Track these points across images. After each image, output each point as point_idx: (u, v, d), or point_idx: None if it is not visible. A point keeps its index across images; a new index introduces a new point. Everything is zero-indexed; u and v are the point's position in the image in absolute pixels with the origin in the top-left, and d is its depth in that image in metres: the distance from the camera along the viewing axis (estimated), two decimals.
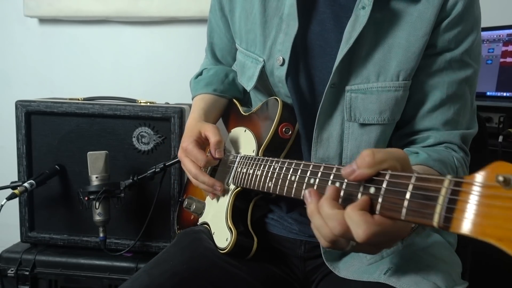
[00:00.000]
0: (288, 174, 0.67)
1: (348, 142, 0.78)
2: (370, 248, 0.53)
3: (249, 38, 0.86)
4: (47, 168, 1.38)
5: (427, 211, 0.43)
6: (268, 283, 0.84)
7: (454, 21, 0.74)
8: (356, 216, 0.48)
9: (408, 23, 0.74)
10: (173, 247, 0.88)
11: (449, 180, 0.42)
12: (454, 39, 0.75)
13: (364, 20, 0.72)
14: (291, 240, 0.87)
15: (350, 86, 0.76)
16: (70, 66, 1.98)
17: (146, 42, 1.94)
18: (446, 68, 0.76)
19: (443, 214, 0.42)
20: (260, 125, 0.86)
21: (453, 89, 0.77)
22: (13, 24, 1.97)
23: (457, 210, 0.40)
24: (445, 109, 0.77)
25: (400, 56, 0.74)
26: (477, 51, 0.78)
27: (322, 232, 0.54)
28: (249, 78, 0.88)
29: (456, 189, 0.41)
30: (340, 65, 0.75)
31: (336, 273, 0.76)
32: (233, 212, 0.83)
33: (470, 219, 0.39)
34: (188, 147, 0.85)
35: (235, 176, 0.85)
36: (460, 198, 0.40)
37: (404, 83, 0.75)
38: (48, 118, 1.40)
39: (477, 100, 0.84)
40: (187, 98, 1.17)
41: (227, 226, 0.82)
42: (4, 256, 1.39)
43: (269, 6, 0.82)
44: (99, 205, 1.29)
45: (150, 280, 0.76)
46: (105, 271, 1.36)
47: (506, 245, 0.35)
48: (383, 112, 0.76)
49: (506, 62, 1.41)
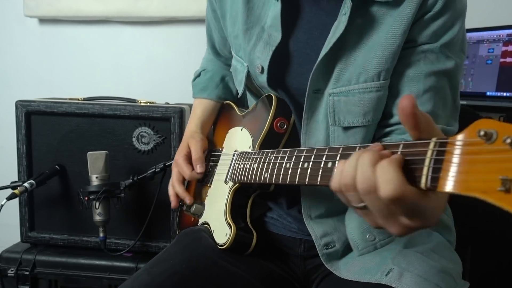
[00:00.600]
0: (283, 162, 0.68)
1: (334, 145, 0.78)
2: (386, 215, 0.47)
3: (236, 43, 0.89)
4: (47, 168, 1.38)
5: (416, 174, 0.44)
6: (268, 281, 0.84)
7: (434, 16, 0.73)
8: (393, 171, 0.44)
9: (388, 23, 0.74)
10: (173, 246, 0.88)
11: (434, 142, 0.43)
12: (434, 34, 0.74)
13: (343, 26, 0.72)
14: (290, 239, 0.88)
15: (331, 89, 0.76)
16: (70, 66, 1.98)
17: (146, 42, 1.95)
18: (423, 58, 0.75)
19: (429, 175, 0.42)
20: (255, 122, 0.87)
21: (431, 81, 0.75)
22: (13, 24, 1.97)
23: (443, 170, 0.41)
24: (424, 101, 0.76)
25: (380, 56, 0.74)
26: (458, 46, 0.77)
27: (345, 171, 0.49)
28: (239, 83, 0.91)
29: (441, 150, 0.42)
30: (319, 69, 0.75)
31: (337, 274, 0.76)
32: (231, 208, 0.84)
33: (455, 176, 0.40)
34: (178, 161, 0.96)
35: (233, 172, 0.85)
36: (445, 158, 0.41)
37: (385, 82, 0.75)
38: (48, 118, 1.40)
39: (477, 100, 0.84)
40: (187, 98, 1.18)
41: (226, 222, 0.82)
42: (4, 256, 1.39)
43: (252, 14, 0.83)
44: (99, 205, 1.29)
45: (151, 279, 0.76)
46: (105, 271, 1.36)
47: (491, 197, 0.36)
48: (366, 113, 0.76)
49: (506, 62, 1.41)
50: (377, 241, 0.74)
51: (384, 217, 0.47)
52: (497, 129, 0.37)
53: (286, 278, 0.87)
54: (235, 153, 0.88)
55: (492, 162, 0.37)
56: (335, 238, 0.80)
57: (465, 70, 1.53)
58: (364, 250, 0.75)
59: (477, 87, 1.48)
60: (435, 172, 0.42)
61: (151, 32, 1.93)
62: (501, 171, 0.35)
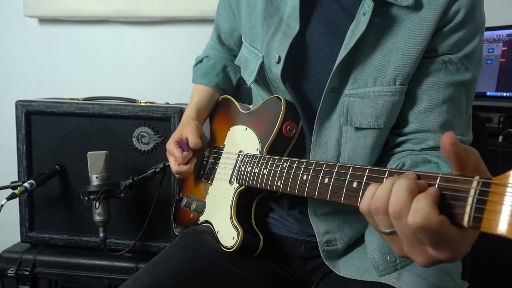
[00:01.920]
0: (299, 173, 0.67)
1: (346, 145, 0.78)
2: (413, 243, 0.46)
3: (253, 34, 0.88)
4: (47, 168, 1.38)
5: (457, 211, 0.44)
6: (270, 282, 0.84)
7: (456, 27, 0.74)
8: (426, 202, 0.43)
9: (408, 29, 0.74)
10: (174, 246, 0.88)
11: (477, 180, 0.42)
12: (455, 45, 0.75)
13: (363, 26, 0.72)
14: (291, 240, 0.88)
15: (348, 90, 0.76)
16: (70, 66, 1.98)
17: (146, 42, 1.95)
18: (443, 68, 0.76)
19: (472, 214, 0.42)
20: (262, 123, 0.87)
21: (450, 91, 0.76)
22: (13, 24, 1.97)
23: (486, 210, 0.41)
24: (442, 110, 0.76)
25: (398, 61, 0.74)
26: (477, 58, 0.78)
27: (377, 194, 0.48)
28: (250, 73, 0.89)
29: (484, 190, 0.42)
30: (338, 70, 0.75)
31: (336, 272, 0.77)
32: (237, 210, 0.83)
33: (501, 218, 0.40)
34: (168, 148, 0.97)
35: (239, 174, 0.85)
36: (490, 199, 0.41)
37: (400, 88, 0.75)
38: (48, 118, 1.40)
39: (477, 100, 0.84)
40: (187, 98, 1.17)
41: (232, 224, 0.82)
42: (4, 256, 1.39)
43: (271, 4, 0.83)
44: (99, 205, 1.29)
45: (152, 279, 0.76)
46: (105, 271, 1.36)
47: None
48: (379, 116, 0.76)
49: (506, 62, 1.41)
50: (397, 263, 0.72)
51: (411, 245, 0.47)
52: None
53: (288, 278, 0.87)
54: (240, 153, 0.88)
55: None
56: (337, 237, 0.80)
57: None
58: (385, 272, 0.72)
59: (477, 87, 1.48)
60: (478, 212, 0.42)
61: (151, 32, 1.93)
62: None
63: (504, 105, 1.35)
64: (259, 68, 0.86)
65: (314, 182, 0.63)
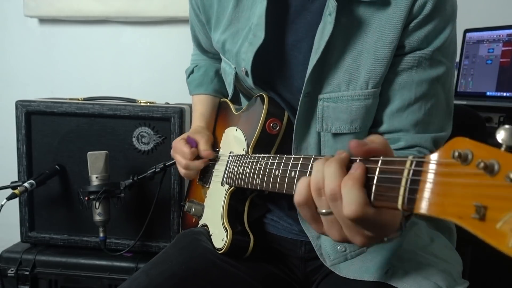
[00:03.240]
0: (272, 169, 0.66)
1: (325, 150, 0.78)
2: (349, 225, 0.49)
3: (225, 45, 0.87)
4: (47, 168, 1.38)
5: (392, 194, 0.43)
6: (268, 283, 0.84)
7: (424, 20, 0.72)
8: (356, 192, 0.45)
9: (376, 29, 0.73)
10: (172, 247, 0.88)
11: (411, 160, 0.42)
12: (425, 38, 0.73)
13: (330, 27, 0.71)
14: (291, 241, 0.87)
15: (322, 94, 0.76)
16: (70, 66, 1.98)
17: (146, 42, 1.95)
18: (415, 66, 0.74)
19: (406, 196, 0.41)
20: (248, 122, 0.86)
21: (424, 88, 0.75)
22: (13, 24, 1.97)
23: (419, 190, 0.40)
24: (415, 109, 0.75)
25: (369, 64, 0.73)
26: (450, 49, 0.76)
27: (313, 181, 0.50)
28: (229, 85, 0.90)
29: (418, 170, 0.41)
30: (311, 75, 0.74)
31: (337, 273, 0.76)
32: (229, 211, 0.83)
33: (431, 198, 0.38)
34: (175, 145, 0.94)
35: (228, 175, 0.85)
36: (422, 178, 0.40)
37: (373, 91, 0.74)
38: (48, 118, 1.40)
39: (477, 100, 0.84)
40: (187, 98, 1.18)
41: (223, 226, 0.82)
42: (4, 256, 1.39)
43: (242, 16, 0.82)
44: (99, 205, 1.29)
45: (149, 280, 0.76)
46: (105, 271, 1.36)
47: (466, 223, 0.35)
48: (354, 121, 0.75)
49: (506, 62, 1.41)
50: (347, 252, 0.74)
51: (348, 226, 0.49)
52: (472, 150, 0.35)
53: (286, 279, 0.87)
54: (230, 154, 0.88)
55: (467, 186, 0.35)
56: None
57: (465, 70, 1.53)
58: (335, 261, 0.75)
59: (477, 87, 1.48)
60: (412, 194, 0.41)
61: (151, 32, 1.93)
62: (475, 197, 0.34)
63: (504, 105, 1.35)
64: (235, 79, 0.87)
65: (283, 177, 0.62)
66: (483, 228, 0.33)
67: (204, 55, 1.10)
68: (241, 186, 0.78)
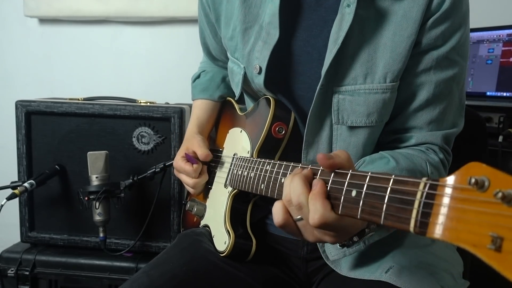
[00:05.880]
0: (278, 177, 0.66)
1: (337, 144, 0.78)
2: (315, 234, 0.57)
3: (232, 45, 0.87)
4: (47, 168, 1.38)
5: (404, 215, 0.42)
6: (269, 284, 0.84)
7: (441, 17, 0.72)
8: (318, 204, 0.53)
9: (393, 23, 0.73)
10: (173, 248, 0.88)
11: (424, 183, 0.41)
12: (441, 36, 0.73)
13: (350, 18, 0.71)
14: (293, 241, 0.87)
15: (338, 87, 0.75)
16: (70, 66, 1.98)
17: (146, 42, 1.95)
18: (433, 67, 0.75)
19: (418, 219, 0.40)
20: (254, 125, 0.86)
21: (440, 88, 0.75)
22: (13, 24, 1.97)
23: (432, 214, 0.39)
24: (431, 108, 0.76)
25: (387, 58, 0.73)
26: (465, 48, 0.77)
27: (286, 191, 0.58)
28: (236, 85, 0.89)
29: (431, 193, 0.40)
30: (330, 67, 0.74)
31: (338, 271, 0.76)
32: (231, 214, 0.83)
33: (445, 224, 0.38)
34: (176, 165, 0.94)
35: (231, 178, 0.84)
36: (436, 202, 0.39)
37: (391, 85, 0.74)
38: (48, 118, 1.40)
39: (477, 100, 0.84)
40: (187, 98, 1.17)
41: (225, 229, 0.82)
42: (4, 256, 1.39)
43: (250, 13, 0.82)
44: (99, 205, 1.29)
45: (150, 281, 0.76)
46: (105, 271, 1.36)
47: (481, 253, 0.34)
48: (370, 114, 0.75)
49: (506, 62, 1.41)
50: (345, 249, 0.74)
51: (317, 230, 0.56)
52: (489, 176, 0.35)
53: (287, 280, 0.87)
54: (234, 156, 0.87)
55: (482, 214, 0.35)
56: None
57: None
58: (335, 257, 0.76)
59: (477, 87, 1.48)
60: (425, 217, 0.40)
61: (151, 32, 1.93)
62: (491, 227, 0.34)
63: (504, 105, 1.35)
64: (243, 79, 0.85)
65: None
66: (499, 259, 0.33)
67: (213, 63, 1.09)
68: (245, 190, 0.78)
